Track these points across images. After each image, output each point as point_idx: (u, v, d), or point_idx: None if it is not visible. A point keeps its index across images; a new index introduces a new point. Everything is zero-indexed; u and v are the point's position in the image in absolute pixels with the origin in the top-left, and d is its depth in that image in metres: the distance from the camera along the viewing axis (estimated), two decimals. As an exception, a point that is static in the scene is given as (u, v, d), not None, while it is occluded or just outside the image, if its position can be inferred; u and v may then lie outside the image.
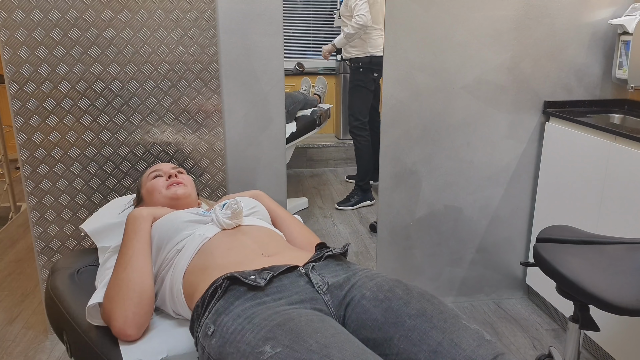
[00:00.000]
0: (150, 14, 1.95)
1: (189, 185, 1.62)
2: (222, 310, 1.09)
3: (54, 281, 1.49)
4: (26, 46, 1.88)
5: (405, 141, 2.26)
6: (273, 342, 0.96)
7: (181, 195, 1.56)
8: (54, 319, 1.44)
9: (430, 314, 1.04)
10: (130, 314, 1.22)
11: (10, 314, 2.41)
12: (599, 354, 2.06)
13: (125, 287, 1.25)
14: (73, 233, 2.08)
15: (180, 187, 1.58)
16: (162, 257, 1.38)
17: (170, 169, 1.65)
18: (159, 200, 1.56)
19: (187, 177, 1.65)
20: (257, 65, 2.10)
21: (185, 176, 1.66)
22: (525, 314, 2.40)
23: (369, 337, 1.05)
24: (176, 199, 1.55)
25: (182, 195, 1.56)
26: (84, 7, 1.89)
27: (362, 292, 1.13)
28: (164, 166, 1.67)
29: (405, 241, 2.38)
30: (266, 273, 1.15)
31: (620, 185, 1.87)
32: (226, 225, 1.39)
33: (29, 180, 2.00)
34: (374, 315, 1.07)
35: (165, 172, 1.62)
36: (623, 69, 2.26)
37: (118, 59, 1.97)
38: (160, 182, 1.59)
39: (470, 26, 2.17)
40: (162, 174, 1.62)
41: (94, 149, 2.02)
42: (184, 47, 2.01)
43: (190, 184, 1.63)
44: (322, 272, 1.20)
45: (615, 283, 1.30)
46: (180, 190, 1.57)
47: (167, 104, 2.05)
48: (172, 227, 1.39)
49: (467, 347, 0.96)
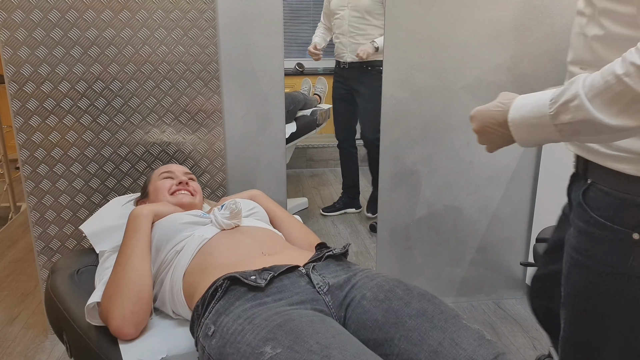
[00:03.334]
0: (150, 14, 1.95)
1: (198, 194, 1.63)
2: (222, 310, 1.09)
3: (54, 281, 1.49)
4: (26, 46, 1.88)
5: (405, 141, 2.26)
6: (273, 342, 0.96)
7: (186, 204, 1.57)
8: (53, 319, 1.44)
9: (430, 314, 1.04)
10: (129, 313, 1.21)
11: (10, 314, 2.41)
12: (599, 354, 2.06)
13: (124, 286, 1.25)
14: (73, 233, 2.08)
15: (187, 195, 1.58)
16: (161, 258, 1.38)
17: (183, 174, 1.66)
18: (162, 202, 1.56)
19: (197, 186, 1.66)
20: (257, 65, 2.10)
21: (196, 184, 1.66)
22: (525, 314, 2.40)
23: (370, 338, 1.05)
24: (180, 206, 1.56)
25: (186, 204, 1.57)
26: (84, 7, 1.89)
27: (362, 293, 1.13)
28: (177, 169, 1.67)
29: (405, 241, 2.38)
30: (266, 273, 1.15)
31: (620, 185, 1.87)
32: (225, 225, 1.39)
33: (29, 181, 2.00)
34: (375, 316, 1.07)
35: (177, 177, 1.63)
36: (623, 69, 2.25)
37: (118, 59, 1.97)
38: (169, 184, 1.60)
39: (470, 26, 2.17)
40: (173, 177, 1.63)
41: (94, 149, 2.02)
42: (184, 47, 2.01)
43: (199, 194, 1.64)
44: (323, 272, 1.20)
45: (616, 283, 1.30)
46: (186, 199, 1.58)
47: (167, 104, 2.05)
48: (171, 229, 1.40)
49: (468, 347, 0.96)
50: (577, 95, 0.81)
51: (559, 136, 0.86)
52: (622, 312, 0.97)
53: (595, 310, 1.01)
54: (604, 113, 0.79)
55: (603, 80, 0.79)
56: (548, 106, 0.85)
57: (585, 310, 1.02)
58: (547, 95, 0.86)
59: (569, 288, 1.06)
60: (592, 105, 0.80)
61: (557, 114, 0.84)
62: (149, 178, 1.68)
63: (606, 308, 0.99)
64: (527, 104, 0.89)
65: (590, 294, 1.01)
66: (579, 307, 1.04)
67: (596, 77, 0.81)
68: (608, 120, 0.79)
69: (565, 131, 0.85)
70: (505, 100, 0.93)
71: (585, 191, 1.00)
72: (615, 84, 0.78)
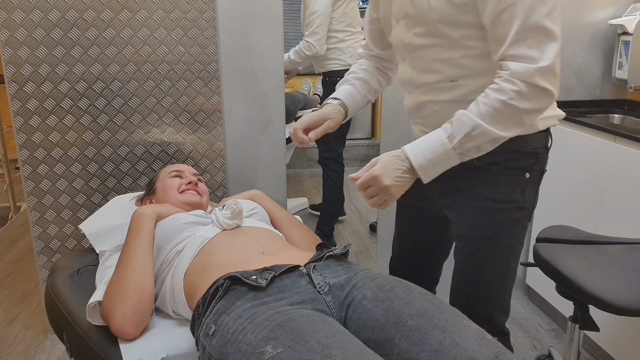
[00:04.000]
0: (150, 14, 1.95)
1: (205, 195, 1.64)
2: (223, 310, 1.09)
3: (54, 281, 1.49)
4: (26, 46, 1.88)
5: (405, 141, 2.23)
6: (274, 342, 0.96)
7: (193, 203, 1.58)
8: (53, 319, 1.44)
9: (431, 313, 1.04)
10: (130, 312, 1.22)
11: (10, 314, 2.41)
12: (599, 354, 2.06)
13: (126, 285, 1.25)
14: (73, 233, 2.07)
15: (195, 195, 1.59)
16: (162, 258, 1.38)
17: (192, 174, 1.67)
18: (170, 199, 1.57)
19: (205, 188, 1.67)
20: (257, 65, 2.10)
21: (204, 186, 1.67)
22: (525, 314, 2.40)
23: (370, 338, 1.05)
24: (188, 204, 1.56)
25: (194, 203, 1.58)
26: (83, 7, 1.89)
27: (363, 293, 1.13)
28: (186, 169, 1.68)
29: (405, 241, 2.38)
30: (267, 273, 1.15)
31: (620, 185, 1.87)
32: (226, 225, 1.39)
33: (29, 180, 2.00)
34: (375, 316, 1.07)
35: (186, 176, 1.64)
36: (623, 69, 2.26)
37: (118, 59, 1.97)
38: (178, 182, 1.61)
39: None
40: (182, 176, 1.64)
41: (94, 149, 2.02)
42: (184, 47, 2.01)
43: (206, 195, 1.66)
44: (324, 272, 1.20)
45: (615, 283, 1.30)
46: (195, 199, 1.58)
47: (167, 104, 2.05)
48: (172, 228, 1.40)
49: (469, 347, 0.96)
50: (477, 125, 1.05)
51: (459, 161, 1.11)
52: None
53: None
54: (503, 130, 1.06)
55: (492, 109, 1.04)
56: (449, 142, 1.08)
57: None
58: (441, 136, 1.09)
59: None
60: (493, 127, 1.05)
61: (461, 145, 1.07)
62: (157, 175, 1.68)
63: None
64: (426, 149, 1.10)
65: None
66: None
67: (483, 107, 1.05)
68: (507, 134, 1.07)
69: (468, 155, 1.09)
70: (394, 156, 1.14)
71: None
72: (504, 108, 1.04)
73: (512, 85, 1.03)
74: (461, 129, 1.06)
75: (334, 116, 1.34)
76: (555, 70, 1.04)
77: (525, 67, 1.02)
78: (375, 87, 1.47)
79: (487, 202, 1.23)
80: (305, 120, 1.33)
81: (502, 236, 1.27)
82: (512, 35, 1.03)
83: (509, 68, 1.03)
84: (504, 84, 1.03)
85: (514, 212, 1.25)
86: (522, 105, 1.03)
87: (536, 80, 1.02)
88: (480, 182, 1.23)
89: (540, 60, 1.02)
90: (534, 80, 1.02)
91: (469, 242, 1.30)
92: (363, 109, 1.48)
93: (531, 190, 1.25)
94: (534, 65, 1.01)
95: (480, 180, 1.22)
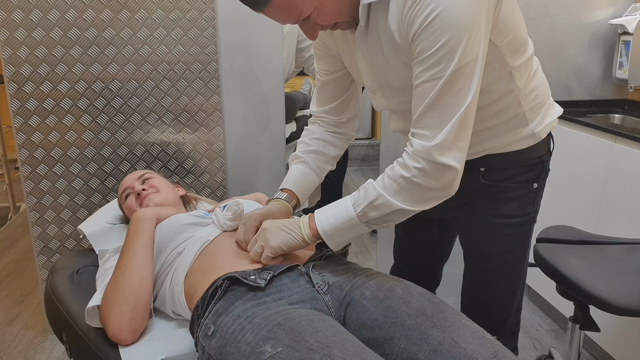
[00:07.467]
0: (149, 14, 1.95)
1: (162, 189, 1.56)
2: (222, 310, 1.09)
3: (54, 281, 1.49)
4: (25, 46, 1.88)
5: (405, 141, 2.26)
6: (273, 341, 0.96)
7: (160, 204, 1.52)
8: (53, 320, 1.44)
9: (430, 313, 1.04)
10: (126, 319, 1.21)
11: (9, 314, 2.40)
12: (599, 354, 2.06)
13: (123, 291, 1.24)
14: (72, 233, 2.07)
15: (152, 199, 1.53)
16: (162, 260, 1.37)
17: (135, 181, 1.58)
18: None
19: (158, 181, 1.59)
20: (257, 65, 2.09)
21: (156, 179, 1.59)
22: (525, 314, 2.40)
23: (370, 337, 1.05)
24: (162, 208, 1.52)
25: (160, 204, 1.52)
26: (83, 7, 1.89)
27: (362, 292, 1.13)
28: (129, 181, 1.60)
29: (405, 241, 2.38)
30: (266, 273, 1.14)
31: (620, 185, 1.87)
32: (227, 227, 1.38)
33: (28, 181, 2.00)
34: (374, 315, 1.07)
35: (133, 189, 1.56)
36: (623, 69, 2.26)
37: (117, 59, 1.96)
38: (132, 201, 1.55)
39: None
40: (131, 192, 1.57)
41: (94, 149, 2.02)
42: (184, 47, 2.01)
43: (164, 188, 1.58)
44: (323, 271, 1.20)
45: (615, 283, 1.30)
46: (156, 200, 1.52)
47: (167, 104, 2.05)
48: (172, 230, 1.39)
49: (468, 346, 0.96)
50: (379, 195, 1.05)
51: (368, 229, 1.10)
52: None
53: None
54: (405, 203, 1.05)
55: (395, 183, 1.04)
56: (353, 210, 1.08)
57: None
58: (346, 203, 1.09)
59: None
60: (396, 200, 1.04)
61: (364, 214, 1.07)
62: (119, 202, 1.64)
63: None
64: (331, 216, 1.11)
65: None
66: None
67: (387, 180, 1.06)
68: (413, 208, 1.06)
69: (374, 223, 1.09)
70: (290, 226, 1.15)
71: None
72: (407, 184, 1.04)
73: (415, 163, 1.02)
74: (365, 198, 1.07)
75: (278, 216, 1.28)
76: (454, 144, 1.00)
77: (423, 145, 1.01)
78: (334, 153, 1.40)
79: (500, 218, 1.24)
80: (249, 224, 1.26)
81: (517, 249, 1.29)
82: (419, 111, 1.02)
83: (412, 145, 1.03)
84: (408, 160, 1.03)
85: (527, 224, 1.27)
86: (425, 183, 1.02)
87: (435, 157, 1.00)
88: (492, 200, 1.23)
89: (435, 138, 1.00)
90: (433, 157, 1.00)
91: (483, 257, 1.31)
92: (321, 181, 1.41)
93: (539, 198, 1.27)
94: (430, 143, 1.00)
95: (492, 197, 1.23)
